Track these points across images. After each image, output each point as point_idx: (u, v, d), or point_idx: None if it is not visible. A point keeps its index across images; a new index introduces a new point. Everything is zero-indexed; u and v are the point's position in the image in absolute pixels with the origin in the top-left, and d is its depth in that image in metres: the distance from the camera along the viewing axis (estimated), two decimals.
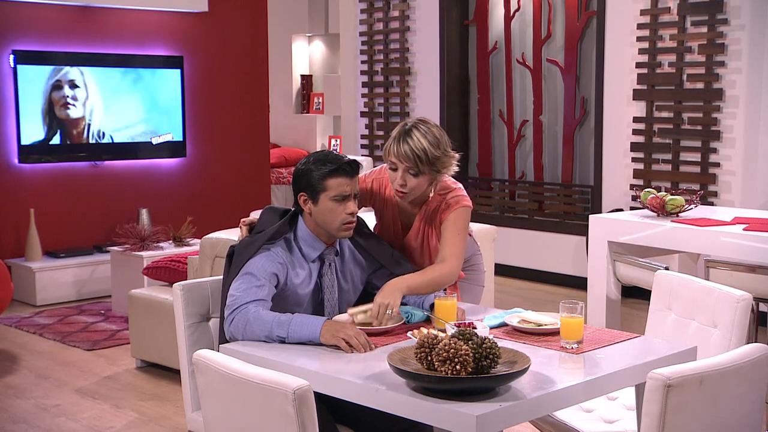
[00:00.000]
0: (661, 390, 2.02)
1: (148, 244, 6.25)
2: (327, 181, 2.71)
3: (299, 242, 2.78)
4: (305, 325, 2.53)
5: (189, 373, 2.77)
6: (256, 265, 2.69)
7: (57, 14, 6.86)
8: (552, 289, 6.81)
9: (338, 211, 2.72)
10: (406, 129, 2.90)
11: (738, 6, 5.74)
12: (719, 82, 5.87)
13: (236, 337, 2.60)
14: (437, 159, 2.88)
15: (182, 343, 2.79)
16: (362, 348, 2.45)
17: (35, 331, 5.66)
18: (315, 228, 2.78)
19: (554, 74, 7.14)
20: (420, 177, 2.88)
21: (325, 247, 2.80)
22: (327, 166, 2.72)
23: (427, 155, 2.85)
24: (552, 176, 7.24)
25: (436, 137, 2.89)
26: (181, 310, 2.78)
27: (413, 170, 2.87)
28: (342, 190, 2.72)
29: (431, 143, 2.87)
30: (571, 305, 2.45)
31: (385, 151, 2.94)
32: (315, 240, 2.78)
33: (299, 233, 2.79)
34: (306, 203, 2.76)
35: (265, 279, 2.66)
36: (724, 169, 5.90)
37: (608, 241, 4.46)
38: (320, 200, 2.72)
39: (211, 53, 7.69)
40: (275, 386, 1.99)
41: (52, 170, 6.86)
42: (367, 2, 8.13)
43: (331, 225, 2.74)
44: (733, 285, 2.97)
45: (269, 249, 2.73)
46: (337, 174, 2.71)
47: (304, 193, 2.75)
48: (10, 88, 6.60)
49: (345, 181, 2.72)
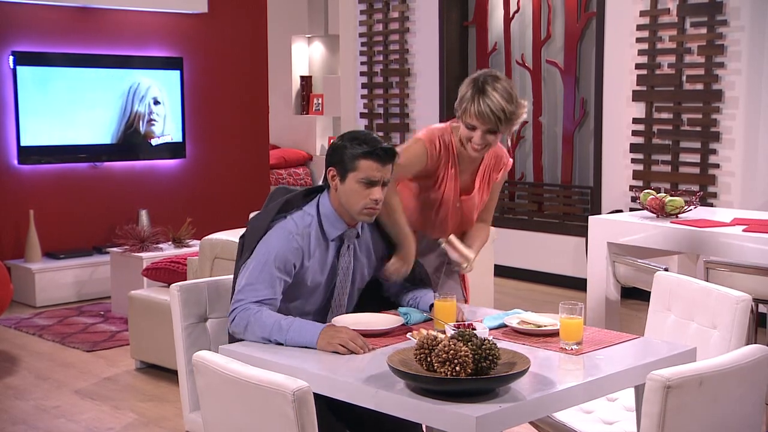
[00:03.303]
0: (661, 391, 2.02)
1: (148, 245, 6.25)
2: (358, 161, 2.63)
3: (321, 219, 2.72)
4: (303, 332, 2.52)
5: (186, 373, 2.77)
6: (271, 251, 2.62)
7: (56, 15, 6.86)
8: (551, 290, 6.81)
9: (363, 194, 2.65)
10: (480, 85, 2.89)
11: (737, 7, 5.74)
12: (719, 84, 5.87)
13: (238, 335, 2.60)
14: (513, 114, 2.91)
15: (179, 344, 2.79)
16: (360, 350, 2.45)
17: (35, 332, 5.66)
18: (338, 206, 2.71)
19: (554, 75, 7.15)
20: (497, 134, 2.94)
21: (347, 228, 2.74)
22: (362, 147, 2.64)
23: (506, 113, 2.88)
24: (551, 177, 7.24)
25: (509, 92, 2.91)
26: (179, 311, 2.78)
27: (493, 128, 2.90)
28: (371, 175, 2.64)
29: (507, 100, 2.89)
30: (571, 306, 2.45)
31: (462, 110, 2.92)
32: (337, 219, 2.72)
33: (322, 209, 2.73)
34: (334, 179, 2.69)
35: (278, 271, 2.61)
36: (724, 170, 5.90)
37: (608, 242, 4.45)
38: (348, 179, 2.65)
39: (211, 54, 7.69)
40: (275, 388, 1.99)
41: (51, 171, 6.85)
42: (367, 3, 8.13)
43: (352, 207, 2.67)
44: (732, 286, 2.98)
45: (287, 227, 2.67)
46: (370, 157, 2.63)
47: (334, 168, 2.69)
48: (9, 89, 6.60)
49: (376, 166, 2.64)
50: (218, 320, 2.86)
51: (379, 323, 2.67)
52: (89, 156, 6.96)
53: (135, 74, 7.13)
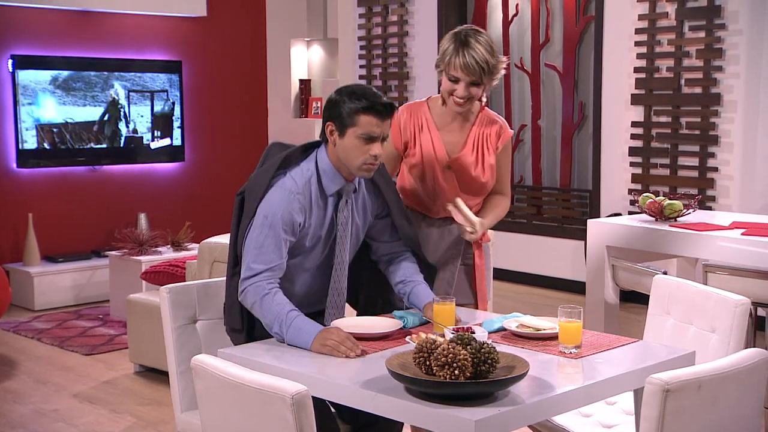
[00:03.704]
0: (660, 395, 2.02)
1: (147, 249, 6.25)
2: (358, 116, 2.62)
3: (320, 174, 2.71)
4: (300, 332, 2.53)
5: (177, 374, 2.80)
6: (276, 212, 2.62)
7: (56, 19, 6.86)
8: (550, 293, 6.81)
9: (362, 149, 2.64)
10: (462, 40, 2.93)
11: (736, 11, 5.75)
12: (717, 87, 5.87)
13: (245, 306, 2.65)
14: (495, 67, 2.95)
15: (170, 345, 2.82)
16: (350, 353, 2.45)
17: (33, 335, 5.66)
18: (337, 161, 2.70)
19: (552, 79, 7.15)
20: (480, 86, 2.96)
21: (345, 183, 2.74)
22: (361, 102, 2.62)
23: (489, 65, 2.92)
24: (550, 180, 7.25)
25: (491, 45, 2.96)
26: (168, 313, 2.81)
27: (477, 81, 2.93)
28: (371, 130, 2.63)
29: (489, 52, 2.93)
30: (570, 310, 2.45)
31: (444, 62, 2.95)
32: (336, 174, 2.71)
33: (321, 165, 2.72)
34: (332, 134, 2.68)
35: (284, 233, 2.62)
36: (722, 174, 5.91)
37: (606, 246, 4.45)
38: (347, 134, 2.64)
39: (210, 58, 7.70)
40: (273, 391, 1.99)
41: (50, 175, 6.86)
42: (366, 7, 8.14)
43: (351, 162, 2.67)
44: (731, 289, 2.97)
45: (287, 186, 2.66)
46: (370, 112, 2.62)
47: (332, 123, 2.68)
48: (8, 92, 6.60)
49: (376, 121, 2.63)
50: (208, 322, 2.90)
51: (377, 327, 2.67)
52: (88, 159, 6.96)
53: (134, 77, 7.13)
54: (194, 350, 2.81)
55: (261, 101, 8.09)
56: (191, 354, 2.76)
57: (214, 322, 2.89)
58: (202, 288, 2.89)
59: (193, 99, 7.57)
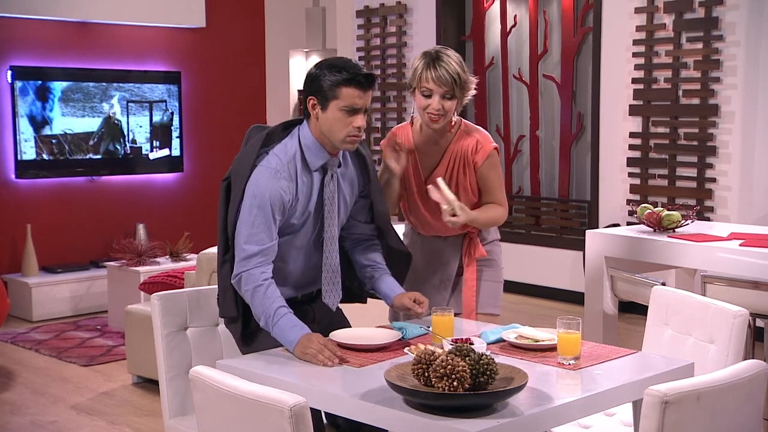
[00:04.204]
0: (659, 406, 2.02)
1: (145, 260, 6.24)
2: (340, 89, 2.63)
3: (303, 149, 2.72)
4: (285, 333, 2.57)
5: (166, 380, 2.82)
6: (264, 192, 2.62)
7: (55, 30, 6.88)
8: (549, 303, 6.81)
9: (346, 122, 2.65)
10: (433, 56, 2.98)
11: (733, 22, 5.77)
12: (715, 98, 5.89)
13: (238, 291, 2.68)
14: (466, 82, 3.00)
15: (160, 352, 2.85)
16: (329, 362, 2.46)
17: (31, 346, 5.65)
18: (320, 136, 2.71)
19: (551, 89, 7.17)
20: (454, 100, 2.99)
21: (329, 157, 2.74)
22: (342, 74, 2.63)
23: (460, 78, 2.96)
24: (549, 191, 7.25)
25: (460, 61, 3.02)
26: (159, 320, 2.85)
27: (449, 93, 2.97)
28: (353, 102, 2.64)
29: (460, 67, 2.99)
30: (569, 321, 2.45)
31: (416, 78, 2.99)
32: (319, 149, 2.72)
33: (303, 140, 2.72)
34: (314, 108, 2.68)
35: (273, 212, 2.63)
36: (721, 185, 5.91)
37: (605, 256, 4.45)
38: (329, 108, 2.65)
39: (209, 68, 7.71)
40: (272, 403, 1.99)
41: (48, 185, 6.86)
42: (365, 18, 8.16)
43: (335, 135, 2.67)
44: (729, 300, 2.97)
45: (271, 165, 2.66)
46: (351, 84, 2.63)
47: (314, 97, 2.68)
48: (7, 103, 6.61)
49: (358, 93, 2.64)
50: (199, 329, 2.92)
51: (376, 338, 2.67)
52: (87, 170, 6.97)
53: (133, 88, 7.14)
54: (184, 357, 2.85)
55: (260, 112, 8.10)
56: (181, 361, 2.83)
57: (206, 330, 2.93)
58: (193, 295, 2.93)
59: (192, 110, 7.58)
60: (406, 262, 3.03)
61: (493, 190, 3.14)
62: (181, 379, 2.83)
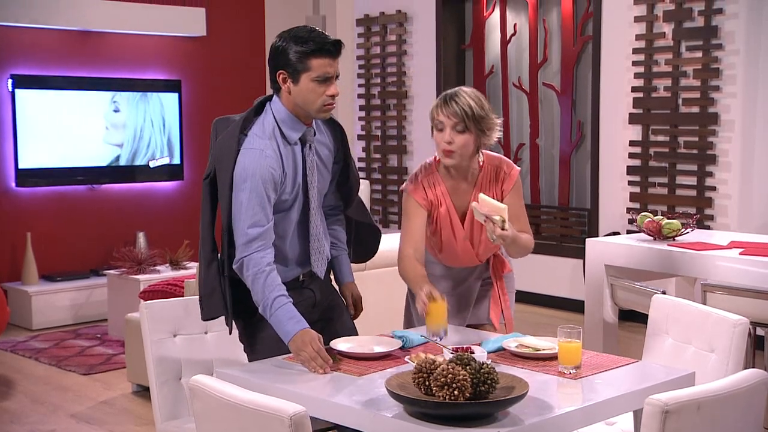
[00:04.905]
0: (659, 416, 2.02)
1: (145, 268, 6.24)
2: (310, 60, 2.63)
3: (279, 124, 2.72)
4: (281, 325, 2.59)
5: (156, 386, 2.87)
6: (255, 173, 2.63)
7: (55, 39, 6.89)
8: (549, 312, 6.81)
9: (319, 91, 2.65)
10: (450, 93, 3.00)
11: (732, 31, 5.78)
12: (714, 107, 5.89)
13: (240, 276, 2.68)
14: (482, 118, 2.99)
15: (149, 358, 2.90)
16: (320, 370, 2.47)
17: (31, 355, 5.64)
18: (294, 108, 2.71)
19: (550, 98, 7.18)
20: (466, 134, 2.97)
21: (305, 128, 2.75)
22: (309, 45, 2.63)
23: (473, 111, 2.95)
24: (549, 199, 7.26)
25: (480, 98, 3.02)
26: (147, 327, 2.91)
27: (460, 126, 2.95)
28: (325, 71, 2.64)
29: (476, 103, 2.98)
30: (569, 330, 2.45)
31: (431, 115, 3.01)
32: (295, 121, 2.72)
33: (278, 115, 2.72)
34: (285, 81, 2.68)
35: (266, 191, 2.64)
36: (720, 193, 5.92)
37: (605, 265, 4.45)
38: (301, 80, 2.65)
39: (209, 77, 7.72)
40: (272, 412, 1.99)
41: (49, 194, 6.86)
42: (364, 26, 8.18)
43: (311, 106, 2.68)
44: (729, 309, 2.97)
45: (253, 146, 2.66)
46: (321, 54, 2.63)
47: (284, 71, 2.67)
48: (8, 112, 6.62)
49: (328, 61, 2.64)
50: (187, 337, 2.98)
51: (377, 346, 2.67)
52: (87, 178, 6.97)
53: (133, 97, 7.15)
54: (174, 363, 2.92)
55: None
56: (170, 367, 2.90)
57: (194, 337, 2.98)
58: (182, 304, 2.99)
59: (192, 118, 7.59)
60: (374, 237, 3.04)
61: (521, 217, 3.16)
62: (171, 385, 2.89)
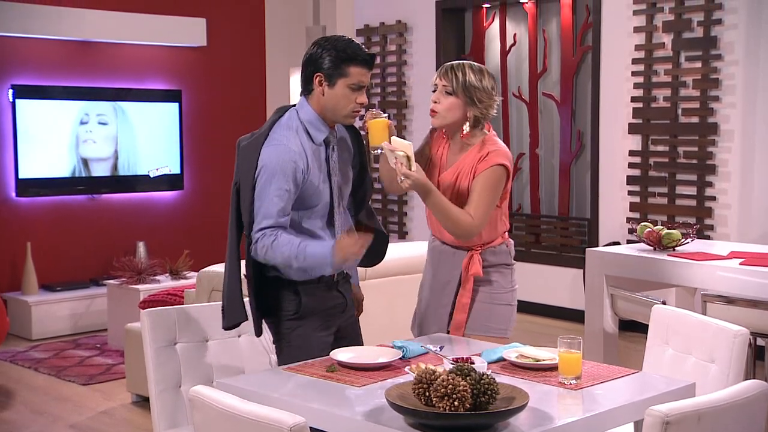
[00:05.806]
0: (660, 427, 2.01)
1: (145, 278, 6.24)
2: (349, 67, 2.78)
3: (306, 125, 2.83)
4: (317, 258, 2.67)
5: (156, 394, 2.87)
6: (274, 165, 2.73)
7: (56, 49, 6.90)
8: (549, 322, 6.80)
9: (351, 98, 2.80)
10: (454, 62, 3.04)
11: (732, 42, 5.80)
12: (714, 117, 5.90)
13: (258, 258, 2.74)
14: (474, 87, 2.98)
15: (149, 367, 2.90)
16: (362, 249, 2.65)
17: (30, 365, 5.63)
18: (321, 111, 2.83)
19: (550, 108, 7.19)
20: (452, 98, 2.98)
21: (330, 131, 2.86)
22: (348, 53, 2.79)
23: (465, 78, 2.97)
24: (548, 209, 7.26)
25: (481, 71, 3.01)
26: (148, 335, 2.92)
27: (449, 89, 2.97)
28: (360, 80, 2.79)
29: (474, 73, 2.98)
30: (570, 340, 2.44)
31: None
32: (321, 123, 2.84)
33: (304, 117, 2.84)
34: (321, 84, 2.80)
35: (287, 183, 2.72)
36: (720, 203, 5.92)
37: (605, 275, 4.45)
38: (337, 84, 2.79)
39: (210, 87, 7.73)
40: (271, 423, 1.98)
41: (49, 204, 6.86)
42: (365, 36, 8.19)
43: (341, 111, 2.81)
44: (730, 320, 2.97)
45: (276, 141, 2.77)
46: (359, 63, 2.79)
47: (321, 74, 2.80)
48: (8, 122, 6.62)
49: (364, 71, 2.80)
50: (187, 345, 2.97)
51: (377, 357, 2.66)
52: (87, 188, 6.97)
53: (133, 107, 7.16)
54: (173, 371, 2.92)
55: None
56: (170, 375, 2.90)
57: (194, 346, 2.98)
58: (182, 312, 3.00)
59: (192, 128, 7.60)
60: (382, 242, 3.05)
61: (473, 200, 2.96)
62: (170, 393, 2.89)
